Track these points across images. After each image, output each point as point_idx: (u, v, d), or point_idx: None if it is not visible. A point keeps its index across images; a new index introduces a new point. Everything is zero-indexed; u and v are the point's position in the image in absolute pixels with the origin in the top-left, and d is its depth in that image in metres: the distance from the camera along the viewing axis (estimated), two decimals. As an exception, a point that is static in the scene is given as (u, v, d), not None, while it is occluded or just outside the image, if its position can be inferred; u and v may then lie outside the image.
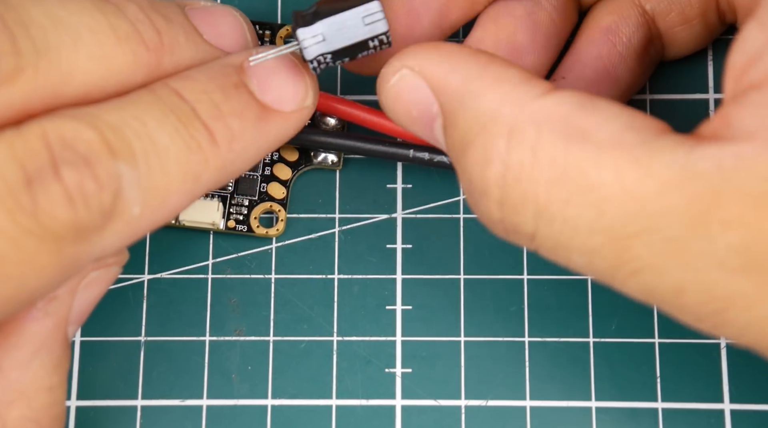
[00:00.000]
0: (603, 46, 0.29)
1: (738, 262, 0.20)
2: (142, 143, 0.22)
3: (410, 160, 0.29)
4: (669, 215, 0.20)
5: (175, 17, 0.25)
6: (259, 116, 0.24)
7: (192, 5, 0.26)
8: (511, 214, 0.22)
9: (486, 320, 0.30)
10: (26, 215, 0.20)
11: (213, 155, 0.23)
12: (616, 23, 0.29)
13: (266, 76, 0.25)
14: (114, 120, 0.22)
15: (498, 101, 0.22)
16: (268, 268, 0.31)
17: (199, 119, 0.23)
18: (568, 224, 0.21)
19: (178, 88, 0.23)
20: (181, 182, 0.23)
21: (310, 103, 0.25)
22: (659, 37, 0.29)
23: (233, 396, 0.30)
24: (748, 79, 0.21)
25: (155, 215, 0.23)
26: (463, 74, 0.23)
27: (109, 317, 0.30)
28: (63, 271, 0.22)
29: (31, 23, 0.22)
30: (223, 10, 0.26)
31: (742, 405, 0.29)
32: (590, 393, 0.30)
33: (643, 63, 0.29)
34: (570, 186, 0.21)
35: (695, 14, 0.29)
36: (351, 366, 0.30)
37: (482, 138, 0.22)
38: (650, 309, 0.30)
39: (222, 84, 0.24)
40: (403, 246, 0.31)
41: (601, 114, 0.21)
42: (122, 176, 0.21)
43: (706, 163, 0.20)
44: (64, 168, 0.21)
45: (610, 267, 0.21)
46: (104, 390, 0.30)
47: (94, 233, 0.21)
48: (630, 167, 0.20)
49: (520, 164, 0.21)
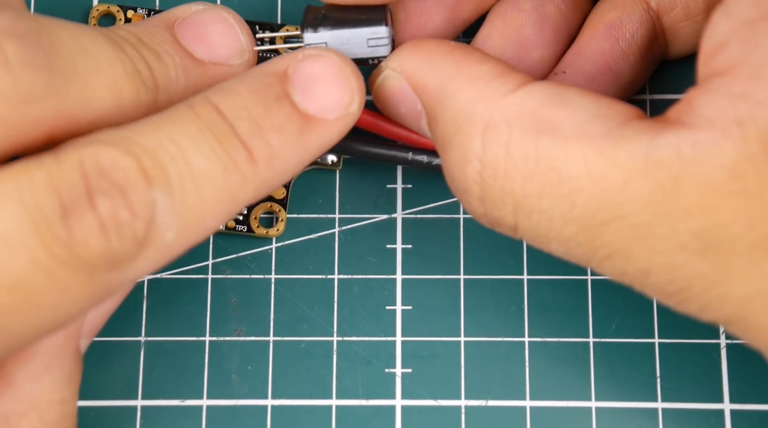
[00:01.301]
0: (606, 41, 0.29)
1: (698, 245, 0.21)
2: (177, 169, 0.22)
3: (408, 163, 0.29)
4: (634, 203, 0.21)
5: (162, 46, 0.24)
6: (301, 128, 0.24)
7: (181, 16, 0.26)
8: (492, 209, 0.23)
9: (486, 320, 0.30)
10: (61, 246, 0.21)
11: (251, 174, 0.23)
12: (620, 19, 0.29)
13: (311, 84, 0.24)
14: (150, 144, 0.22)
15: (472, 100, 0.23)
16: (268, 268, 0.31)
17: (238, 138, 0.23)
18: (544, 216, 0.22)
19: (217, 104, 0.23)
20: (218, 205, 0.23)
21: (356, 109, 0.25)
22: (663, 34, 0.29)
23: (233, 396, 0.30)
24: (713, 65, 0.21)
25: (189, 239, 0.22)
26: (440, 74, 0.24)
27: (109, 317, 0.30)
28: (95, 298, 0.22)
29: (62, 46, 0.22)
30: (212, 17, 0.26)
31: (742, 405, 0.29)
32: (590, 393, 0.30)
33: (645, 60, 0.29)
34: (542, 180, 0.22)
35: (699, 10, 0.29)
36: (351, 366, 0.30)
37: (459, 138, 0.23)
38: (650, 309, 0.30)
39: (263, 97, 0.24)
40: (403, 246, 0.31)
41: (569, 106, 0.22)
42: (156, 204, 0.21)
43: (667, 151, 0.21)
44: (99, 198, 0.21)
45: (585, 253, 0.22)
46: (104, 390, 0.30)
47: (127, 262, 0.21)
48: (596, 158, 0.21)
49: (495, 161, 0.22)
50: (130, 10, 0.32)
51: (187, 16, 0.26)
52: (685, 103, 0.21)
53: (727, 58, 0.21)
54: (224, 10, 0.26)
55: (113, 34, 0.24)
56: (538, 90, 0.23)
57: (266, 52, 0.31)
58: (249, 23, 0.31)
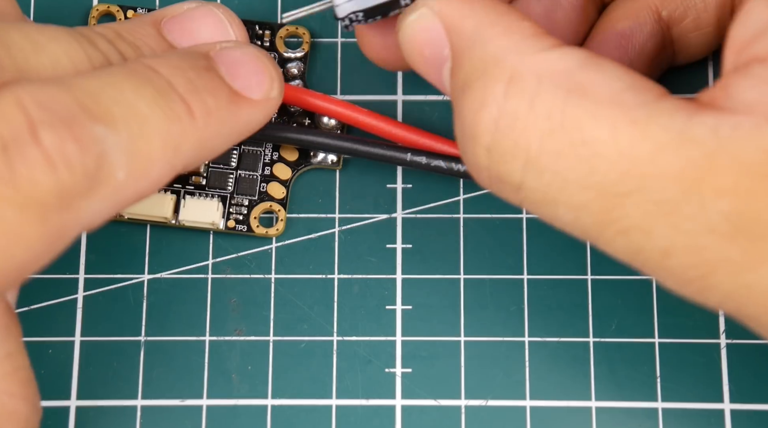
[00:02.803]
0: (615, 50, 0.29)
1: (728, 228, 0.20)
2: (121, 109, 0.22)
3: (407, 163, 0.29)
4: (662, 178, 0.20)
5: (144, 40, 0.25)
6: (230, 98, 0.25)
7: (171, 14, 0.26)
8: (499, 162, 0.22)
9: (486, 320, 0.30)
10: (4, 184, 0.20)
11: (191, 128, 0.23)
12: (631, 29, 0.29)
13: (234, 64, 0.25)
14: (91, 86, 0.22)
15: (504, 49, 0.22)
16: (268, 268, 0.31)
17: (176, 92, 0.23)
18: (558, 176, 0.21)
19: (152, 64, 0.23)
20: (163, 150, 0.23)
21: (275, 95, 0.26)
22: (671, 44, 0.29)
23: (233, 396, 0.30)
24: (752, 52, 0.21)
25: (139, 183, 0.22)
26: (478, 19, 0.23)
27: (109, 317, 0.30)
28: (51, 242, 0.21)
29: (12, 45, 0.22)
30: (202, 12, 0.26)
31: (742, 405, 0.29)
32: (590, 393, 0.30)
33: (651, 69, 0.29)
34: (564, 139, 0.21)
35: (710, 21, 0.29)
36: (351, 366, 0.30)
37: (482, 82, 0.22)
38: (650, 309, 0.30)
39: (194, 65, 0.24)
40: (403, 246, 0.31)
41: (604, 73, 0.21)
42: (104, 139, 0.21)
43: (703, 129, 0.20)
44: (43, 131, 0.20)
45: (597, 224, 0.21)
46: (104, 390, 0.30)
47: (80, 199, 0.21)
48: (627, 127, 0.21)
49: (515, 112, 0.22)
50: (130, 10, 0.32)
51: (177, 14, 0.26)
52: (720, 89, 0.21)
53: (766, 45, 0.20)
54: (215, 6, 0.26)
55: (87, 30, 0.24)
56: (573, 53, 0.22)
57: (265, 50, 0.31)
58: (249, 23, 0.31)
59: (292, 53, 0.31)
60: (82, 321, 0.30)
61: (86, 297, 0.30)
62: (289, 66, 0.31)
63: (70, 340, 0.30)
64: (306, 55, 0.31)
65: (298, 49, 0.31)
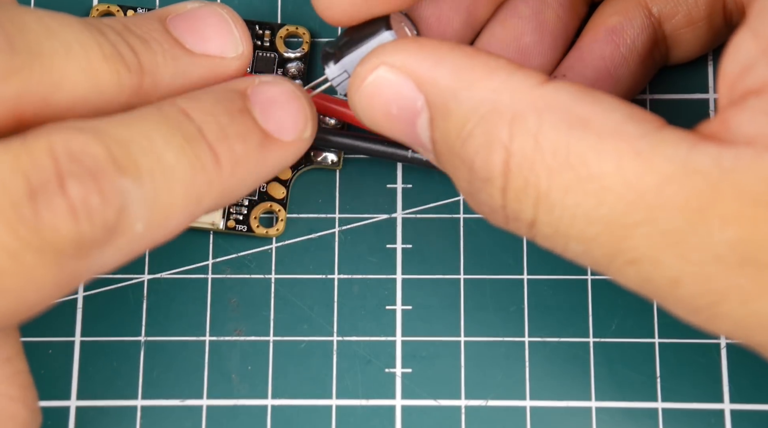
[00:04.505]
0: (606, 46, 0.29)
1: (734, 257, 0.20)
2: (148, 160, 0.22)
3: (408, 160, 0.29)
4: (668, 208, 0.20)
5: (151, 34, 0.25)
6: (261, 142, 0.25)
7: (175, 12, 0.26)
8: (513, 201, 0.22)
9: (486, 320, 0.30)
10: (27, 228, 0.20)
11: (216, 178, 0.23)
12: (622, 24, 0.29)
13: (269, 105, 0.25)
14: (121, 135, 0.22)
15: (495, 91, 0.22)
16: (268, 268, 0.31)
17: (205, 140, 0.23)
18: (568, 211, 0.21)
19: (185, 108, 0.24)
20: (185, 202, 0.23)
21: (308, 136, 0.26)
22: (664, 41, 0.29)
23: (233, 396, 0.30)
24: (745, 85, 0.21)
25: (156, 234, 0.23)
26: (451, 67, 0.23)
27: (109, 317, 0.30)
28: (62, 285, 0.22)
29: (26, 28, 0.22)
30: (206, 11, 0.26)
31: (742, 405, 0.29)
32: (590, 393, 0.30)
33: (645, 66, 0.29)
34: (571, 174, 0.21)
35: (701, 16, 0.29)
36: (351, 366, 0.30)
37: (483, 127, 0.22)
38: (650, 309, 0.30)
39: (228, 108, 0.24)
40: (403, 246, 0.31)
41: (601, 104, 0.22)
42: (127, 192, 0.21)
43: (706, 160, 0.20)
44: (70, 182, 0.21)
45: (606, 256, 0.22)
46: (104, 390, 0.30)
47: (96, 249, 0.21)
48: (631, 158, 0.21)
49: (522, 152, 0.22)
50: (130, 9, 0.32)
51: (182, 12, 0.26)
52: (719, 123, 0.21)
53: (758, 78, 0.21)
54: (219, 6, 0.26)
55: (96, 21, 0.24)
56: (567, 86, 0.22)
57: (265, 50, 0.31)
58: (249, 23, 0.31)
59: (292, 53, 0.31)
60: (82, 321, 0.30)
61: (86, 297, 0.30)
62: (289, 66, 0.31)
63: (70, 340, 0.30)
64: (306, 55, 0.31)
65: (298, 49, 0.31)
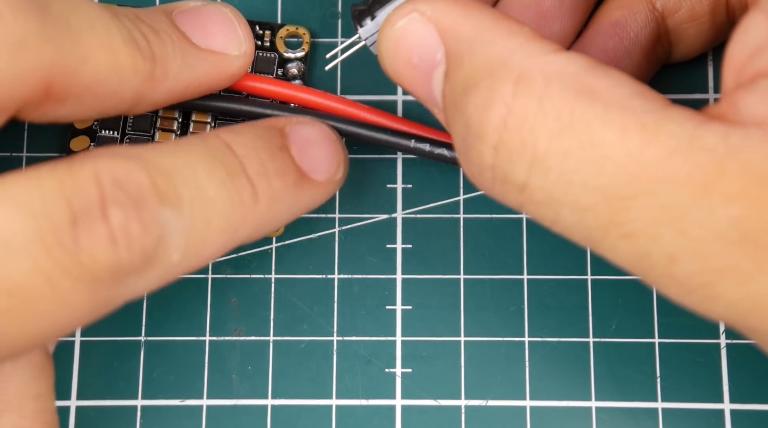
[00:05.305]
0: (609, 39, 0.29)
1: (735, 234, 0.20)
2: (190, 191, 0.22)
3: (410, 150, 0.29)
4: (671, 182, 0.20)
5: (160, 26, 0.25)
6: (297, 180, 0.25)
7: (180, 8, 0.26)
8: (505, 161, 0.22)
9: (486, 320, 0.30)
10: (66, 254, 0.21)
11: (252, 212, 0.24)
12: (625, 18, 0.29)
13: (306, 144, 0.26)
14: (166, 164, 0.22)
15: (509, 50, 0.22)
16: (268, 268, 0.31)
17: (246, 175, 0.24)
18: (565, 177, 0.21)
19: (229, 142, 0.24)
20: (221, 235, 0.23)
21: (340, 177, 0.27)
22: (667, 36, 0.29)
23: (233, 396, 0.30)
24: (755, 68, 0.21)
25: (191, 263, 0.23)
26: (476, 23, 0.23)
27: (109, 317, 0.30)
28: (94, 311, 0.22)
29: (52, 4, 0.23)
30: (211, 9, 0.26)
31: (742, 405, 0.29)
32: (590, 393, 0.30)
33: (648, 61, 0.29)
34: (572, 140, 0.21)
35: (704, 12, 0.29)
36: (351, 366, 0.30)
37: (489, 81, 0.22)
38: (650, 309, 0.30)
39: (269, 144, 0.25)
40: (403, 246, 0.31)
41: (611, 78, 0.21)
42: (167, 222, 0.22)
43: (713, 137, 0.20)
44: (113, 209, 0.21)
45: (601, 227, 0.21)
46: (104, 390, 0.30)
47: (132, 276, 0.22)
48: (636, 131, 0.20)
49: (524, 111, 0.21)
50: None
51: (186, 9, 0.26)
52: (728, 104, 0.21)
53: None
54: (223, 5, 0.26)
55: (110, 6, 0.25)
56: (579, 57, 0.22)
57: (265, 50, 0.31)
58: (249, 23, 0.31)
59: (292, 53, 0.31)
60: (82, 321, 0.30)
61: (86, 297, 0.30)
62: (289, 66, 0.31)
63: (70, 340, 0.30)
64: (306, 55, 0.31)
65: (298, 49, 0.31)
